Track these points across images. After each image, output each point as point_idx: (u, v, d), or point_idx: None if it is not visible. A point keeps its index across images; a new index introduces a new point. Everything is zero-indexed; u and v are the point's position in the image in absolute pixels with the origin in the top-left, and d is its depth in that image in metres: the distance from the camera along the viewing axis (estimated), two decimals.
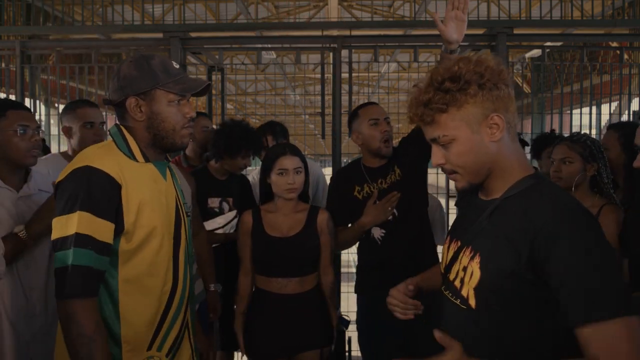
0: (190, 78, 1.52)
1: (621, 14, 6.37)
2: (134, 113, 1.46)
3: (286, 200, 2.24)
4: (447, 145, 1.13)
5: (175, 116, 1.47)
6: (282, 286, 2.21)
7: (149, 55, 1.48)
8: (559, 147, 2.12)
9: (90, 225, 1.33)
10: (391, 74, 8.55)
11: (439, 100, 1.10)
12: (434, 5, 7.06)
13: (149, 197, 1.44)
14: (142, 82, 1.44)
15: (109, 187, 1.36)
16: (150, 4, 4.96)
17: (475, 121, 1.10)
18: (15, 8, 4.69)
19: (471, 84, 1.09)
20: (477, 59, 1.12)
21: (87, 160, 1.39)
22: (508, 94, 1.12)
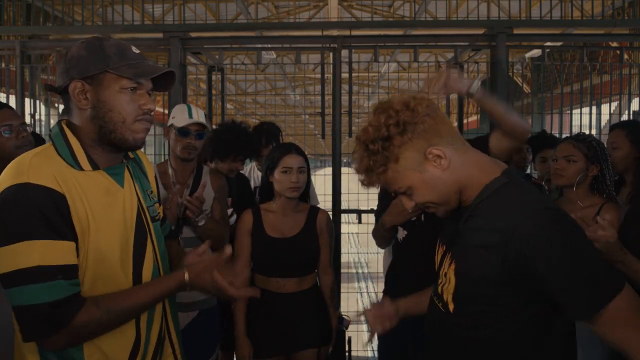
0: (150, 64, 1.29)
1: (621, 14, 6.37)
2: (77, 100, 1.24)
3: (287, 200, 2.24)
4: (408, 192, 1.17)
5: (126, 106, 1.24)
6: (280, 286, 2.22)
7: (105, 37, 1.29)
8: (564, 145, 2.13)
9: (49, 253, 1.13)
10: (391, 74, 8.55)
11: (375, 164, 1.14)
12: (434, 5, 7.07)
13: (95, 214, 1.22)
14: (91, 64, 1.22)
15: (55, 202, 1.15)
16: (150, 4, 4.96)
17: (417, 163, 1.13)
18: (15, 8, 4.69)
19: (393, 137, 1.11)
20: (386, 106, 1.13)
21: (21, 175, 1.15)
22: (433, 122, 1.13)
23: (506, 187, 1.14)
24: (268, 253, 2.22)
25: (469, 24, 4.85)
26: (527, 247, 1.03)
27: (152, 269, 1.35)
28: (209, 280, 1.28)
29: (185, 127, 2.31)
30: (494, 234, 1.08)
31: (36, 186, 1.14)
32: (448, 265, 1.20)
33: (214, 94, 4.24)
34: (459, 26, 4.62)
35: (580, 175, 2.06)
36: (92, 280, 1.22)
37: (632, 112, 4.11)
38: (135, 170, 1.41)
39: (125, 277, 1.28)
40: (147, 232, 1.35)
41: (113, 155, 1.30)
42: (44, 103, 5.05)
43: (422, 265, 2.20)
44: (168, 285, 1.28)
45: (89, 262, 1.21)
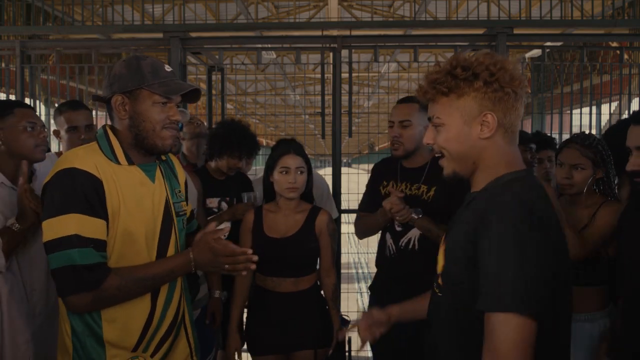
0: (178, 82, 1.52)
1: (621, 14, 6.37)
2: (118, 111, 1.48)
3: (288, 200, 2.24)
4: (438, 127, 1.18)
5: (156, 116, 1.47)
6: (275, 285, 2.22)
7: (142, 56, 1.50)
8: (570, 151, 2.04)
9: (86, 226, 1.36)
10: (391, 74, 8.55)
11: (444, 82, 1.14)
12: (434, 5, 7.07)
13: (127, 201, 1.45)
14: (129, 81, 1.45)
15: (94, 185, 1.39)
16: (150, 4, 4.96)
17: (469, 114, 1.14)
18: (15, 8, 4.69)
19: (478, 78, 1.12)
20: (498, 59, 1.14)
21: (68, 162, 1.41)
22: (514, 100, 1.14)
23: (511, 181, 1.14)
24: (264, 252, 2.22)
25: (469, 24, 4.85)
26: (486, 230, 1.05)
27: (174, 252, 1.56)
28: (210, 256, 1.48)
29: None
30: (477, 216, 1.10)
31: (81, 171, 1.39)
32: (442, 247, 1.23)
33: (214, 94, 4.24)
34: (459, 26, 4.62)
35: (588, 181, 2.02)
36: (118, 257, 1.44)
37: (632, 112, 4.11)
38: (166, 170, 1.63)
39: (150, 259, 1.49)
40: (172, 223, 1.56)
41: (147, 156, 1.54)
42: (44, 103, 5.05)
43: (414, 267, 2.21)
44: (176, 261, 1.50)
45: (117, 240, 1.43)
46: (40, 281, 1.77)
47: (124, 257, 1.45)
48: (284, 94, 12.11)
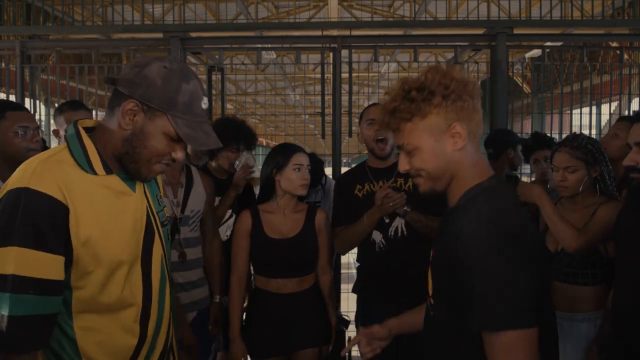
0: (205, 130, 1.25)
1: (621, 14, 6.37)
2: (123, 117, 1.21)
3: (289, 199, 2.25)
4: (411, 152, 1.18)
5: (160, 147, 1.23)
6: (280, 286, 2.21)
7: (189, 74, 1.24)
8: (561, 155, 2.06)
9: (31, 264, 1.09)
10: (391, 74, 8.54)
11: (404, 109, 1.14)
12: (434, 5, 7.07)
13: (103, 223, 1.20)
14: (157, 98, 1.20)
15: (52, 211, 1.12)
16: (150, 4, 4.96)
17: (438, 130, 1.14)
18: (15, 8, 4.69)
19: (435, 95, 1.12)
20: (445, 70, 1.15)
21: (23, 179, 1.13)
22: (473, 106, 1.15)
23: (483, 192, 1.15)
24: (269, 254, 2.22)
25: (469, 24, 4.85)
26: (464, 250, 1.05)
27: (160, 270, 1.36)
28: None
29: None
30: (452, 236, 1.10)
31: (35, 192, 1.12)
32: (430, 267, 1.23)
33: (214, 94, 4.25)
34: (459, 26, 4.62)
35: (583, 181, 2.03)
36: (102, 283, 1.22)
37: (632, 112, 4.11)
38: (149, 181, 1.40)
39: (136, 279, 1.29)
40: (157, 236, 1.35)
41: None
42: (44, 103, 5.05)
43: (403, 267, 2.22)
44: None
45: (99, 266, 1.20)
46: None
47: (110, 282, 1.22)
48: (284, 94, 12.11)
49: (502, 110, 3.47)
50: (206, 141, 1.26)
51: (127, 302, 1.27)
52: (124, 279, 1.25)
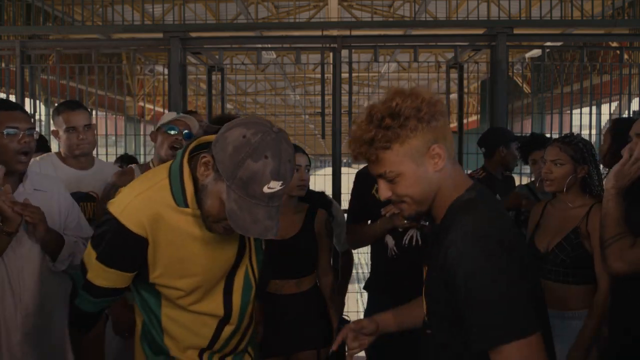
0: (256, 215, 1.19)
1: (621, 14, 6.37)
2: (199, 168, 1.24)
3: (288, 200, 2.24)
4: (394, 179, 1.15)
5: (215, 212, 1.24)
6: (278, 287, 2.21)
7: (262, 153, 1.16)
8: (551, 148, 2.11)
9: (101, 275, 1.34)
10: (391, 74, 8.54)
11: (382, 138, 1.11)
12: (434, 5, 7.07)
13: (187, 251, 1.30)
14: (221, 164, 1.18)
15: (132, 244, 1.28)
16: (150, 4, 4.96)
17: (418, 154, 1.13)
18: (15, 8, 4.69)
19: (410, 119, 1.11)
20: (411, 93, 1.14)
21: (120, 208, 1.27)
22: (444, 123, 1.15)
23: (464, 206, 1.15)
24: (266, 255, 2.22)
25: (469, 24, 4.86)
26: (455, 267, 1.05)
27: (243, 281, 1.45)
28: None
29: (172, 121, 2.27)
30: (442, 253, 1.10)
31: (121, 226, 1.27)
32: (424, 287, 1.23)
33: (214, 94, 4.25)
34: (459, 26, 4.62)
35: (569, 178, 2.06)
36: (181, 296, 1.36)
37: (632, 112, 4.11)
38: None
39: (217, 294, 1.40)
40: (247, 249, 1.45)
41: None
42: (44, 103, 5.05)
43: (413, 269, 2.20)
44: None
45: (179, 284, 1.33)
46: (31, 281, 1.75)
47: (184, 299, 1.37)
48: (284, 94, 12.11)
49: (502, 110, 3.48)
50: (248, 227, 1.19)
51: (207, 310, 1.39)
52: (203, 293, 1.37)
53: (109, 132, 4.27)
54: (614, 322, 1.76)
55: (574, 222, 2.03)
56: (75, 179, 2.28)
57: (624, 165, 1.59)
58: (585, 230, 2.01)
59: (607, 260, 1.58)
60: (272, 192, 1.18)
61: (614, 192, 1.59)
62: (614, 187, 1.59)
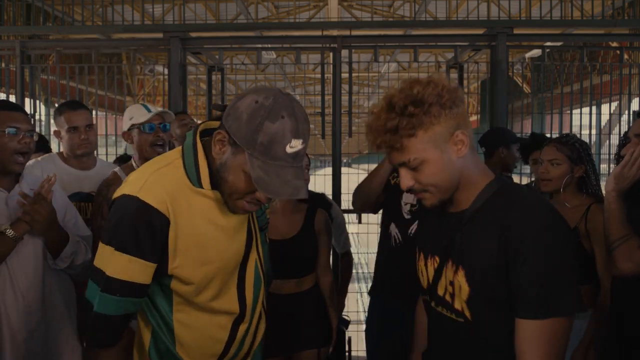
0: (284, 176, 1.15)
1: (621, 14, 6.37)
2: (214, 146, 1.20)
3: (287, 200, 2.24)
4: (418, 167, 1.15)
5: (241, 186, 1.19)
6: (278, 287, 2.21)
7: (278, 112, 1.13)
8: (548, 148, 2.13)
9: (124, 267, 1.20)
10: (391, 74, 8.55)
11: (407, 125, 1.11)
12: (434, 5, 7.07)
13: (204, 235, 1.25)
14: (238, 134, 1.15)
15: (154, 222, 1.19)
16: (150, 4, 4.96)
17: (442, 140, 1.13)
18: (15, 8, 4.69)
19: (433, 105, 1.11)
20: (430, 81, 1.14)
21: (135, 187, 1.20)
22: (464, 110, 1.16)
23: (503, 189, 1.17)
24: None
25: (469, 24, 4.86)
26: (519, 239, 1.07)
27: (254, 275, 1.40)
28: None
29: (149, 120, 2.23)
30: (496, 229, 1.10)
31: (141, 202, 1.18)
32: (453, 272, 1.18)
33: (214, 94, 4.24)
34: (459, 26, 4.62)
35: (565, 178, 2.06)
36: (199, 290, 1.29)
37: (632, 112, 4.11)
38: None
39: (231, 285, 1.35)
40: (254, 241, 1.40)
41: None
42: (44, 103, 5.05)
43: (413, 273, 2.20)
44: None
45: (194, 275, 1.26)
46: (34, 278, 1.75)
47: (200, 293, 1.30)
48: None
49: (502, 110, 3.48)
50: (279, 189, 1.15)
51: (222, 307, 1.34)
52: (219, 285, 1.32)
53: (109, 132, 4.27)
54: (614, 322, 1.76)
55: (572, 223, 2.02)
56: (77, 179, 2.28)
57: (624, 167, 1.59)
58: (584, 230, 2.01)
59: (616, 261, 1.58)
60: (295, 150, 1.15)
61: (615, 194, 1.60)
62: (615, 189, 1.60)
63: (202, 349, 1.34)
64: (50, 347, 1.79)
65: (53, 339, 1.81)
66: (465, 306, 1.16)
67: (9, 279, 1.71)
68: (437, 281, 1.23)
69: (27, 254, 1.74)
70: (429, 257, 1.26)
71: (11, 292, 1.71)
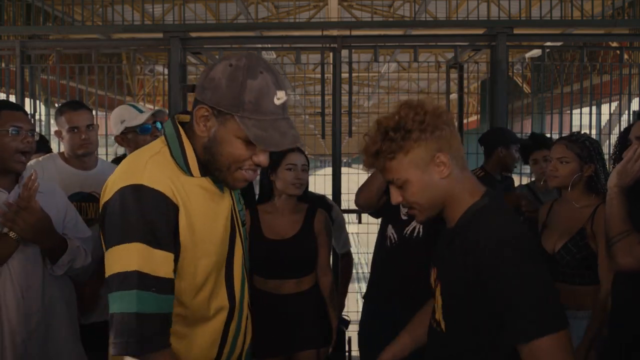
0: (281, 128, 1.16)
1: (621, 14, 6.37)
2: (197, 124, 1.18)
3: (287, 199, 2.24)
4: (402, 186, 1.22)
5: (238, 153, 1.17)
6: (278, 287, 2.21)
7: (256, 68, 1.14)
8: (557, 145, 2.11)
9: (151, 261, 1.11)
10: (391, 74, 8.54)
11: (387, 149, 1.20)
12: (434, 5, 7.07)
13: (203, 224, 1.21)
14: (223, 100, 1.13)
15: (166, 209, 1.14)
16: (150, 4, 4.96)
17: (422, 162, 1.20)
18: (15, 8, 4.69)
19: (413, 131, 1.18)
20: (417, 104, 1.20)
21: (136, 176, 1.14)
22: (450, 133, 1.21)
23: (484, 209, 1.20)
24: (265, 255, 2.21)
25: (469, 24, 4.86)
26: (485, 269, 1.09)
27: (240, 271, 1.37)
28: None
29: (144, 123, 2.22)
30: (466, 252, 1.14)
31: (150, 190, 1.12)
32: (437, 286, 1.26)
33: None
34: (459, 26, 4.62)
35: (574, 176, 2.04)
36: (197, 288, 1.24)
37: (632, 112, 4.11)
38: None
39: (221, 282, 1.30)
40: (238, 235, 1.36)
41: None
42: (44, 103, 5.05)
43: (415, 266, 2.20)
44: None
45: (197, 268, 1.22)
46: (34, 279, 1.75)
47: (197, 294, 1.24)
48: None
49: (502, 110, 3.47)
50: (280, 141, 1.15)
51: (215, 306, 1.29)
52: (214, 282, 1.27)
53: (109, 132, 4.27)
54: (614, 321, 1.76)
55: (579, 223, 2.02)
56: (78, 179, 2.28)
57: (628, 163, 1.60)
58: (590, 231, 1.99)
59: (615, 256, 1.58)
60: (282, 102, 1.18)
61: (617, 190, 1.61)
62: (617, 185, 1.61)
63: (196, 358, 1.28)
64: (49, 347, 1.79)
65: (53, 339, 1.80)
66: (441, 318, 1.24)
67: (10, 279, 1.71)
68: (434, 293, 1.30)
69: (28, 253, 1.74)
70: (433, 268, 1.33)
71: (12, 291, 1.71)
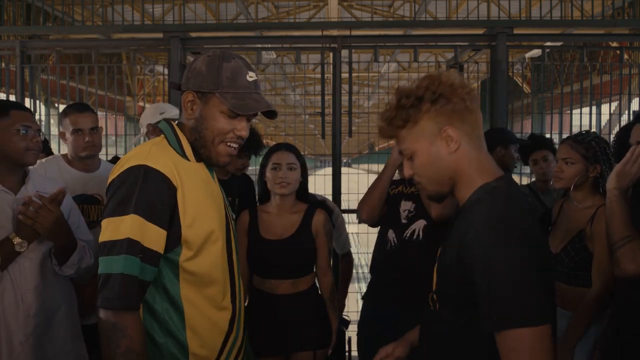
0: (254, 97, 1.37)
1: (621, 14, 6.37)
2: (185, 109, 1.38)
3: (283, 199, 2.23)
4: (412, 157, 1.22)
5: (220, 126, 1.35)
6: (273, 287, 2.21)
7: (230, 55, 1.37)
8: (563, 145, 2.08)
9: (143, 232, 1.24)
10: (391, 74, 8.53)
11: (397, 117, 1.19)
12: (434, 5, 7.07)
13: (203, 199, 1.36)
14: (204, 82, 1.34)
15: (165, 189, 1.28)
16: (150, 4, 4.96)
17: (430, 134, 1.18)
18: (15, 8, 4.69)
19: (423, 101, 1.16)
20: (436, 76, 1.18)
21: (142, 158, 1.29)
22: (465, 108, 1.17)
23: (493, 191, 1.16)
24: (261, 255, 2.21)
25: (469, 24, 4.86)
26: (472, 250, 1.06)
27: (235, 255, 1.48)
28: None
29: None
30: (462, 231, 1.12)
31: (152, 169, 1.27)
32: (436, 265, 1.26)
33: None
34: (459, 26, 4.62)
35: (578, 177, 2.02)
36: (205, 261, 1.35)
37: (632, 112, 4.11)
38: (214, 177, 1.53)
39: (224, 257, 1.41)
40: (230, 226, 1.47)
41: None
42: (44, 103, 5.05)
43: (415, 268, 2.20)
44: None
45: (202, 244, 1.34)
46: (33, 281, 1.75)
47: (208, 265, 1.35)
48: (284, 94, 12.10)
49: (502, 110, 3.47)
50: (255, 106, 1.35)
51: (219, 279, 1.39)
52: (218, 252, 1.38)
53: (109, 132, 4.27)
54: (617, 321, 1.75)
55: (580, 224, 2.00)
56: (81, 181, 2.28)
57: (626, 164, 1.59)
58: (589, 232, 1.97)
59: (619, 263, 1.56)
60: (254, 79, 1.38)
61: (617, 192, 1.59)
62: (617, 187, 1.59)
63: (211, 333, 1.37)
64: (47, 349, 1.79)
65: (51, 340, 1.80)
66: (435, 296, 1.23)
67: (10, 281, 1.71)
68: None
69: (29, 256, 1.74)
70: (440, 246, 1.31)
71: (12, 294, 1.71)
